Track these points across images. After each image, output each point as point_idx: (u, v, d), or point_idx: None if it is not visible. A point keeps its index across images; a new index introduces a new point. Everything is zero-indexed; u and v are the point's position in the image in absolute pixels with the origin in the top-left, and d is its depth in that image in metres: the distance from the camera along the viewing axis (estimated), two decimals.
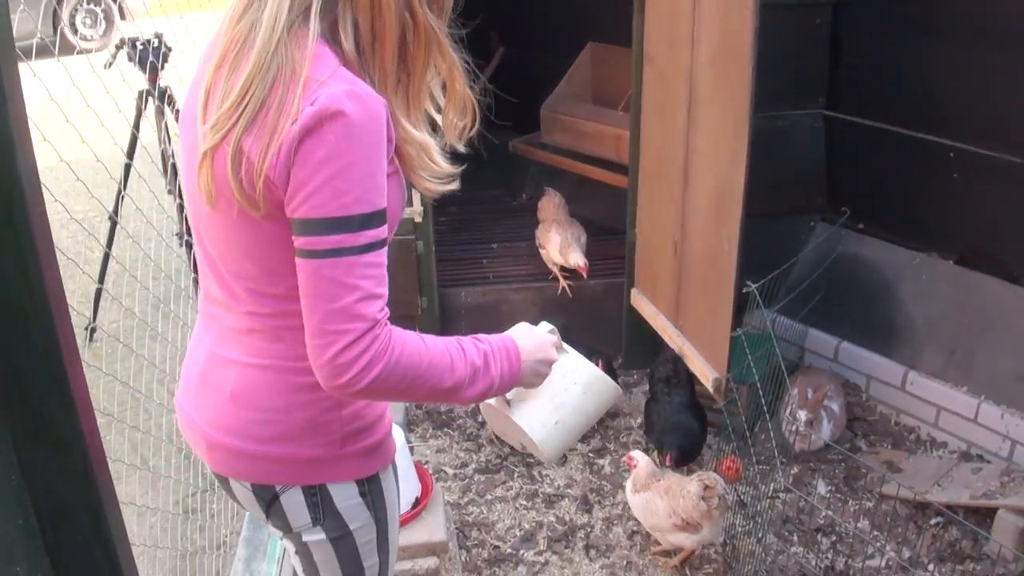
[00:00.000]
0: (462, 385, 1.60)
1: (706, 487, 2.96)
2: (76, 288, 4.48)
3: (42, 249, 1.31)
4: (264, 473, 1.68)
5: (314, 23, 1.41)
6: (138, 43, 3.85)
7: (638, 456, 3.15)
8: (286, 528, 1.74)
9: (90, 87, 2.36)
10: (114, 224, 3.96)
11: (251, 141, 1.39)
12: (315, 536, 1.74)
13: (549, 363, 1.81)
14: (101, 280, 3.78)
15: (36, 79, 1.87)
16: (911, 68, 3.80)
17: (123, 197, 3.41)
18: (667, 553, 3.24)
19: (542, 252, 4.38)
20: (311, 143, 1.37)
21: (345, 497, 1.72)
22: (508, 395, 1.90)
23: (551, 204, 4.57)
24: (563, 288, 4.24)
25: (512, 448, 3.72)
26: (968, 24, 3.58)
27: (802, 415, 3.55)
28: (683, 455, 3.47)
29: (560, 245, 4.19)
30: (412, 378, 1.51)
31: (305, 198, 1.39)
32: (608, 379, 2.02)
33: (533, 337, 1.79)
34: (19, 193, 1.27)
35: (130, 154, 3.78)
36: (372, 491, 1.76)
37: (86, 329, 4.34)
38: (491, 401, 1.88)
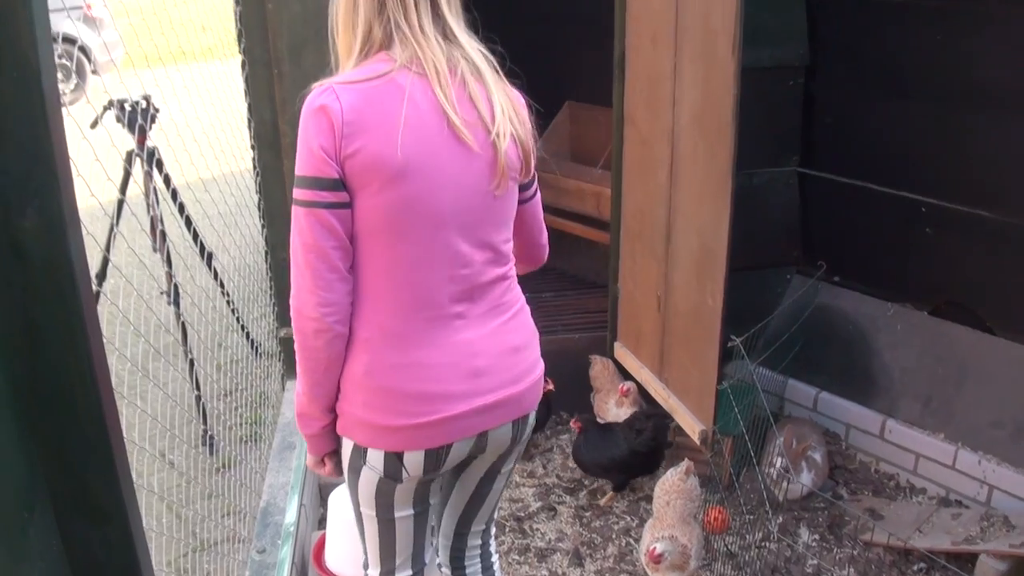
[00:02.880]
0: None
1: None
2: None
3: (89, 325, 1.36)
4: (540, 389, 2.21)
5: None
6: (127, 104, 3.87)
7: (660, 548, 3.10)
8: (524, 439, 2.24)
9: (76, 143, 2.40)
10: (105, 268, 3.99)
11: (521, 131, 2.01)
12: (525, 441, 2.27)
13: None
14: None
15: None
16: (882, 127, 3.92)
17: (110, 253, 3.45)
18: None
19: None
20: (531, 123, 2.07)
21: None
22: None
23: (606, 372, 4.25)
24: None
25: (502, 505, 3.77)
26: (935, 85, 3.69)
27: (778, 461, 3.62)
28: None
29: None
30: None
31: (533, 159, 2.09)
32: None
33: None
34: (69, 273, 1.33)
35: (117, 213, 3.82)
36: None
37: None
38: None
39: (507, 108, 1.96)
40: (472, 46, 1.95)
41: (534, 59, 5.25)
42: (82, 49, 10.14)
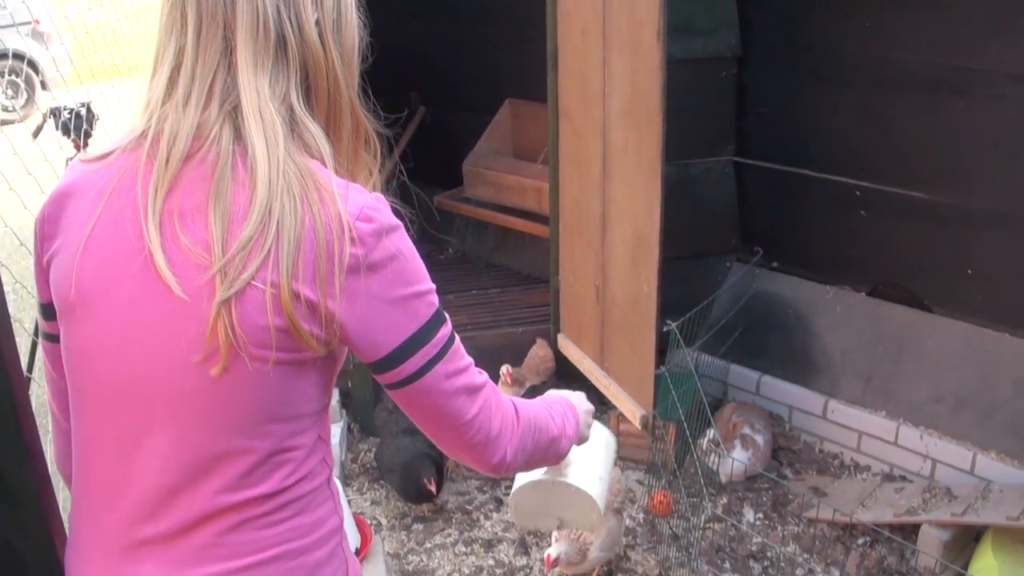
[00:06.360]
0: (561, 434, 1.58)
1: None
2: None
3: None
4: None
5: (307, 120, 1.29)
6: (65, 111, 3.89)
7: (553, 551, 3.06)
8: None
9: (13, 156, 2.42)
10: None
11: (303, 274, 1.19)
12: None
13: (591, 413, 1.77)
14: (30, 368, 3.69)
15: None
16: (814, 113, 3.98)
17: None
18: None
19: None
20: (379, 268, 1.25)
21: None
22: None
23: (537, 355, 4.24)
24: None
25: (447, 499, 3.80)
26: (864, 71, 3.75)
27: (710, 433, 3.65)
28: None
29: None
30: (534, 431, 1.49)
31: (394, 327, 1.27)
32: (611, 433, 2.07)
33: (568, 392, 1.76)
34: None
35: None
36: None
37: None
38: (541, 475, 1.91)
39: (289, 233, 1.18)
40: (268, 123, 1.22)
41: (475, 58, 5.34)
42: (31, 64, 10.09)
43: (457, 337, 1.36)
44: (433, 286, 1.33)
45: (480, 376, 1.40)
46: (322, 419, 1.36)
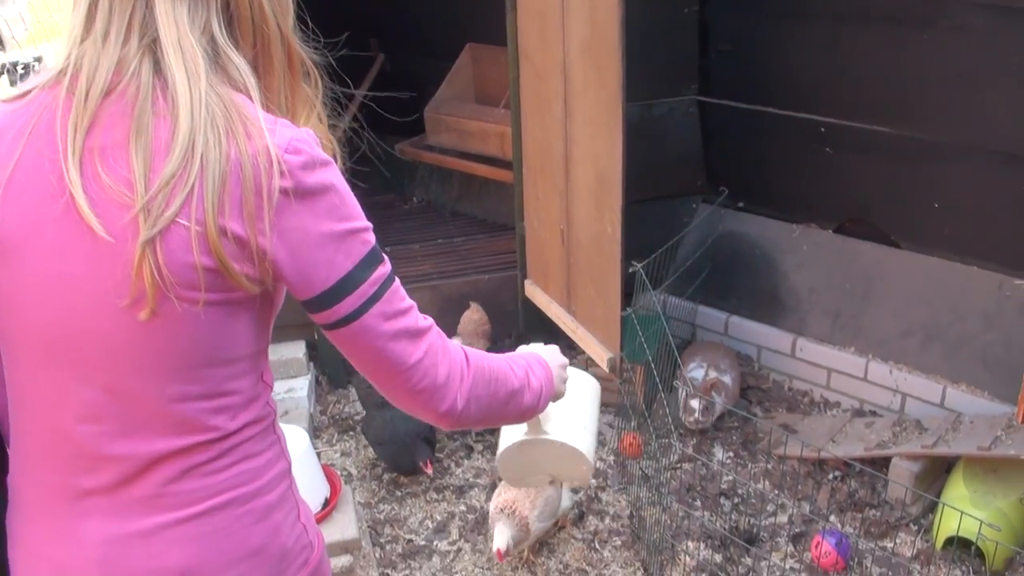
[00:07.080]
0: (523, 387, 1.52)
1: None
2: None
3: None
4: None
5: (231, 51, 1.23)
6: (19, 66, 3.92)
7: (500, 543, 2.98)
8: None
9: None
10: None
11: (230, 210, 1.15)
12: None
13: (565, 367, 1.72)
14: None
15: None
16: (777, 50, 3.93)
17: None
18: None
19: None
20: (310, 202, 1.20)
21: None
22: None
23: (471, 319, 4.20)
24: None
25: None
26: (826, 4, 3.71)
27: (694, 404, 3.62)
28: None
29: None
30: (488, 381, 1.43)
31: (327, 265, 1.23)
32: (594, 379, 2.03)
33: (542, 348, 1.71)
34: None
35: None
36: None
37: None
38: (523, 435, 1.87)
39: (214, 168, 1.14)
40: (188, 55, 1.17)
41: (434, 2, 5.25)
42: None
43: (397, 279, 1.32)
44: (369, 225, 1.29)
45: (424, 320, 1.35)
46: (261, 362, 1.33)
